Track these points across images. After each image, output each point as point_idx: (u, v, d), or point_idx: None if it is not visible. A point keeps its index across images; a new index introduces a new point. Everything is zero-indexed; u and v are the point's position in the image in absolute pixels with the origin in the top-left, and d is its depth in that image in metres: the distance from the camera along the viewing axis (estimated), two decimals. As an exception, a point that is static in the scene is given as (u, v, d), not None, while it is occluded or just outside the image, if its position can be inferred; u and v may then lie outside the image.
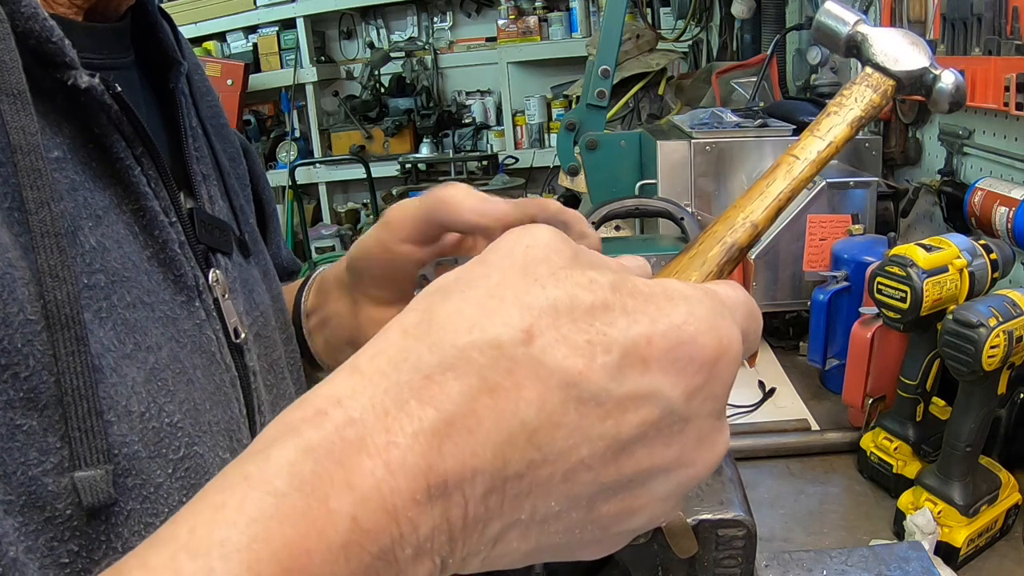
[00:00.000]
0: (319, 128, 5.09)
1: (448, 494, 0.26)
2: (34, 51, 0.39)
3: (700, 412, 0.29)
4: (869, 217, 1.45)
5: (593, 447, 0.27)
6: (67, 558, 0.37)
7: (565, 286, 0.28)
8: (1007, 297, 0.87)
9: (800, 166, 0.43)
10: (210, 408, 0.47)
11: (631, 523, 0.30)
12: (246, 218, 0.60)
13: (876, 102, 0.46)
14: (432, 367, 0.27)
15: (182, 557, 0.23)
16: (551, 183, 4.28)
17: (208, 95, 0.61)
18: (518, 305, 0.27)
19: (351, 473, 0.25)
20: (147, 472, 0.41)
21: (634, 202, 1.34)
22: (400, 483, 0.25)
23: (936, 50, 1.38)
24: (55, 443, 0.37)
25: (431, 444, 0.26)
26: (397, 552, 0.25)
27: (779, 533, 0.98)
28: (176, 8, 4.74)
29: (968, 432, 0.89)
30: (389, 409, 0.26)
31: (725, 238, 0.40)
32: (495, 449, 0.26)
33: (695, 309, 0.29)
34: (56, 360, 0.36)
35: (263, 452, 0.26)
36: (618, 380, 0.27)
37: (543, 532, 0.29)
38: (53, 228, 0.37)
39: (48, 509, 0.36)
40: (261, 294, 0.58)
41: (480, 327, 0.27)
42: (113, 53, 0.48)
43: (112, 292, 0.42)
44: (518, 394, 0.26)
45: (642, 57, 2.78)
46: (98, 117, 0.43)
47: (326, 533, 0.24)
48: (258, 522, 0.24)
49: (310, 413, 0.26)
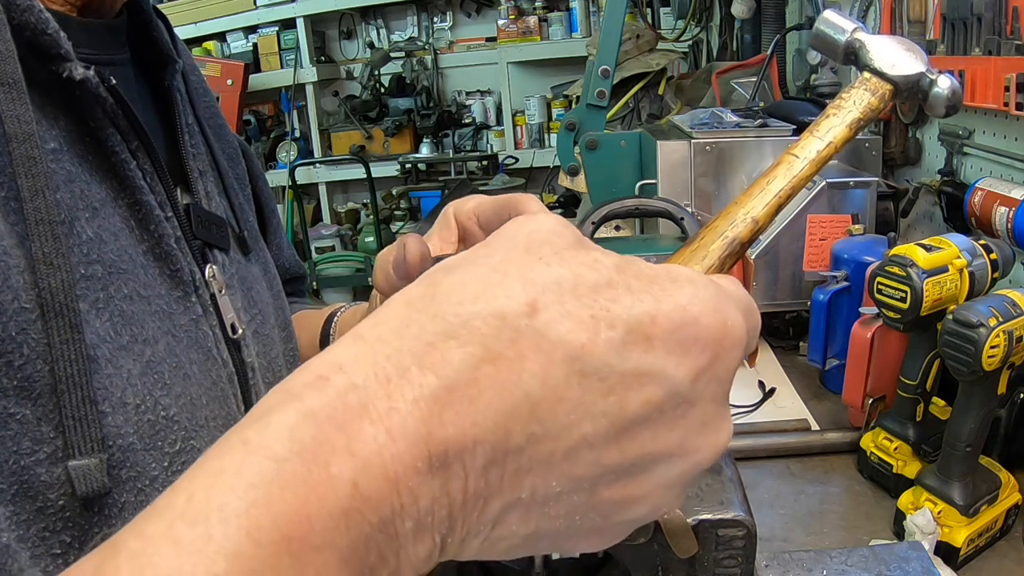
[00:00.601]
0: (319, 128, 5.09)
1: (448, 464, 0.25)
2: (29, 43, 0.39)
3: (704, 395, 0.29)
4: (869, 217, 1.45)
5: (596, 424, 0.27)
6: (59, 549, 0.37)
7: (569, 264, 0.28)
8: (1007, 297, 0.87)
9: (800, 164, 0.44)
10: (207, 403, 0.47)
11: (633, 512, 0.30)
12: (245, 216, 0.60)
13: (874, 105, 0.47)
14: (434, 335, 0.26)
15: (180, 525, 0.23)
16: (551, 183, 4.28)
17: (205, 96, 0.61)
18: (522, 280, 0.27)
19: (352, 439, 0.25)
20: (142, 464, 0.41)
21: (634, 202, 1.34)
22: (401, 449, 0.25)
23: (936, 50, 1.38)
24: (49, 433, 0.37)
25: (432, 411, 0.25)
26: (398, 525, 0.25)
27: (779, 533, 0.98)
28: (176, 8, 4.74)
29: (968, 432, 0.89)
30: (391, 375, 0.26)
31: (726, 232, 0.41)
32: (496, 419, 0.26)
33: (699, 291, 0.29)
34: (50, 348, 0.36)
35: (263, 418, 0.25)
36: (622, 356, 0.27)
37: (543, 515, 0.28)
38: (48, 216, 0.37)
39: (40, 499, 0.36)
40: (261, 291, 0.58)
41: (484, 298, 0.27)
42: (108, 49, 0.49)
43: (109, 283, 0.42)
44: (521, 365, 0.26)
45: (642, 57, 2.78)
46: (93, 110, 0.43)
47: (327, 499, 0.24)
48: (257, 487, 0.23)
49: (311, 378, 0.26)
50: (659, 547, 0.42)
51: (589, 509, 0.29)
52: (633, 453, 0.28)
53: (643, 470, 0.29)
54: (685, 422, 0.29)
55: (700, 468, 0.30)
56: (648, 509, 0.30)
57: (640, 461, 0.28)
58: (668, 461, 0.29)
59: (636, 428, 0.28)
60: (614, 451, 0.28)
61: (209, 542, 0.22)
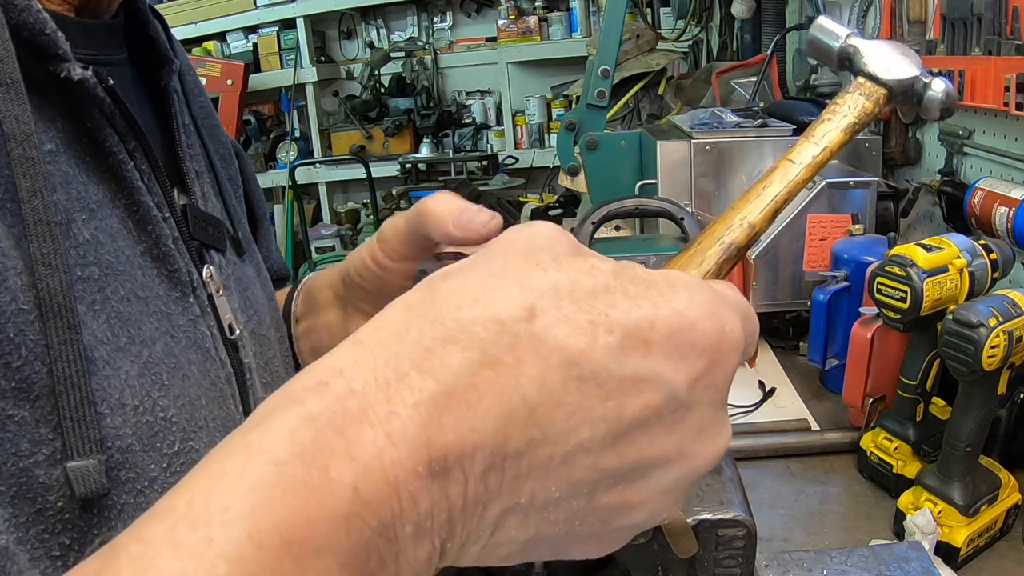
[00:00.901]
0: (319, 128, 5.09)
1: (448, 469, 0.26)
2: (27, 43, 0.39)
3: (702, 400, 0.29)
4: (869, 217, 1.45)
5: (594, 429, 0.27)
6: (58, 551, 0.37)
7: (567, 270, 0.28)
8: (1007, 297, 0.87)
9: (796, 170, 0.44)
10: (205, 404, 0.47)
11: (631, 518, 0.30)
12: (239, 217, 0.60)
13: (869, 109, 0.47)
14: (433, 340, 0.26)
15: (181, 528, 0.23)
16: (551, 183, 4.28)
17: (200, 96, 0.61)
18: (520, 285, 0.27)
19: (352, 443, 0.25)
20: (141, 466, 0.41)
21: (634, 202, 1.34)
22: (402, 453, 0.25)
23: (936, 50, 1.38)
24: (47, 434, 0.36)
25: (431, 416, 0.25)
26: (398, 529, 0.25)
27: (779, 533, 0.98)
28: (176, 8, 4.75)
29: (968, 432, 0.89)
30: (390, 380, 0.26)
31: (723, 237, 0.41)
32: (495, 425, 0.26)
33: (696, 296, 0.29)
34: (49, 349, 0.36)
35: (263, 422, 0.25)
36: (620, 361, 0.27)
37: (542, 521, 0.28)
38: (46, 217, 0.37)
39: (39, 501, 0.36)
40: (256, 292, 0.58)
41: (482, 303, 0.27)
42: (106, 50, 0.48)
43: (106, 285, 0.41)
44: (519, 370, 0.26)
45: (642, 57, 2.78)
46: (91, 111, 0.43)
47: (327, 503, 0.24)
48: (259, 490, 0.23)
49: (311, 383, 0.26)
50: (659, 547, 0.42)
51: (588, 514, 0.29)
52: (631, 458, 0.28)
53: (641, 475, 0.29)
54: (683, 427, 0.29)
55: (698, 474, 0.30)
56: (647, 515, 0.30)
57: (638, 466, 0.28)
58: (666, 466, 0.29)
59: (634, 433, 0.28)
60: (612, 456, 0.28)
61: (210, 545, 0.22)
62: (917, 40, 1.51)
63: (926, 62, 1.52)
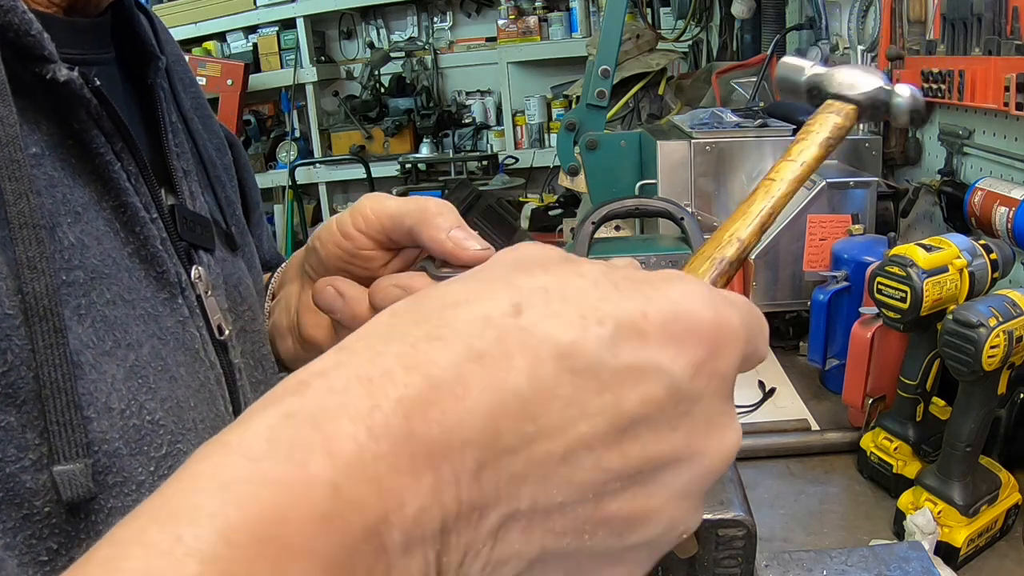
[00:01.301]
0: (319, 128, 5.09)
1: (436, 467, 0.24)
2: (12, 44, 0.38)
3: (706, 391, 0.28)
4: (869, 217, 1.45)
5: (593, 423, 0.26)
6: (46, 556, 0.37)
7: (556, 274, 0.28)
8: (1007, 297, 0.87)
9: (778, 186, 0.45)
10: (194, 406, 0.47)
11: (647, 530, 0.28)
12: (233, 210, 0.59)
13: (840, 124, 0.49)
14: (418, 338, 0.26)
15: (151, 528, 0.22)
16: (551, 183, 4.29)
17: (191, 87, 0.60)
18: (507, 286, 0.27)
19: (331, 438, 0.24)
20: (128, 469, 0.40)
21: (634, 202, 1.34)
22: (383, 448, 0.24)
23: (936, 50, 1.38)
24: (34, 439, 0.36)
25: (415, 409, 0.24)
26: (385, 536, 0.24)
27: (779, 533, 0.98)
28: (176, 8, 4.74)
29: (968, 432, 0.89)
30: (373, 377, 0.25)
31: (713, 255, 0.42)
32: (485, 418, 0.25)
33: (690, 287, 0.28)
34: (35, 354, 0.36)
35: (244, 423, 0.25)
36: (613, 352, 0.26)
37: (547, 531, 0.26)
38: (32, 220, 0.37)
39: (26, 506, 0.36)
40: (248, 288, 0.57)
41: (467, 303, 0.27)
42: (93, 49, 0.48)
43: (91, 289, 0.41)
44: (508, 363, 0.25)
45: (642, 57, 2.78)
46: (77, 112, 0.42)
47: (304, 501, 0.23)
48: (230, 486, 0.23)
49: (293, 384, 0.26)
50: (659, 547, 0.42)
51: (598, 525, 0.27)
52: (636, 456, 0.27)
53: (650, 477, 0.27)
54: (689, 420, 0.28)
55: (712, 474, 0.29)
56: (664, 526, 0.28)
57: (645, 466, 0.27)
58: (676, 466, 0.28)
59: (636, 428, 0.27)
60: (615, 453, 0.26)
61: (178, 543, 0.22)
62: (917, 40, 1.51)
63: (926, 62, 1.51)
